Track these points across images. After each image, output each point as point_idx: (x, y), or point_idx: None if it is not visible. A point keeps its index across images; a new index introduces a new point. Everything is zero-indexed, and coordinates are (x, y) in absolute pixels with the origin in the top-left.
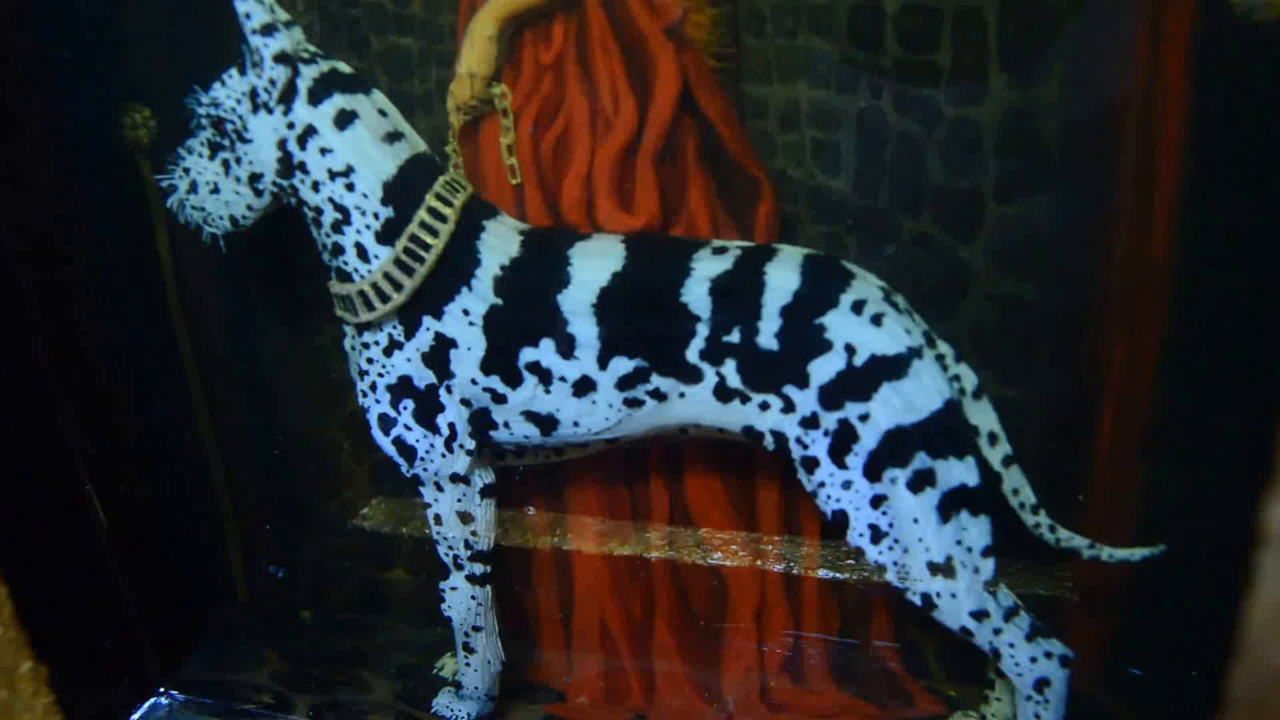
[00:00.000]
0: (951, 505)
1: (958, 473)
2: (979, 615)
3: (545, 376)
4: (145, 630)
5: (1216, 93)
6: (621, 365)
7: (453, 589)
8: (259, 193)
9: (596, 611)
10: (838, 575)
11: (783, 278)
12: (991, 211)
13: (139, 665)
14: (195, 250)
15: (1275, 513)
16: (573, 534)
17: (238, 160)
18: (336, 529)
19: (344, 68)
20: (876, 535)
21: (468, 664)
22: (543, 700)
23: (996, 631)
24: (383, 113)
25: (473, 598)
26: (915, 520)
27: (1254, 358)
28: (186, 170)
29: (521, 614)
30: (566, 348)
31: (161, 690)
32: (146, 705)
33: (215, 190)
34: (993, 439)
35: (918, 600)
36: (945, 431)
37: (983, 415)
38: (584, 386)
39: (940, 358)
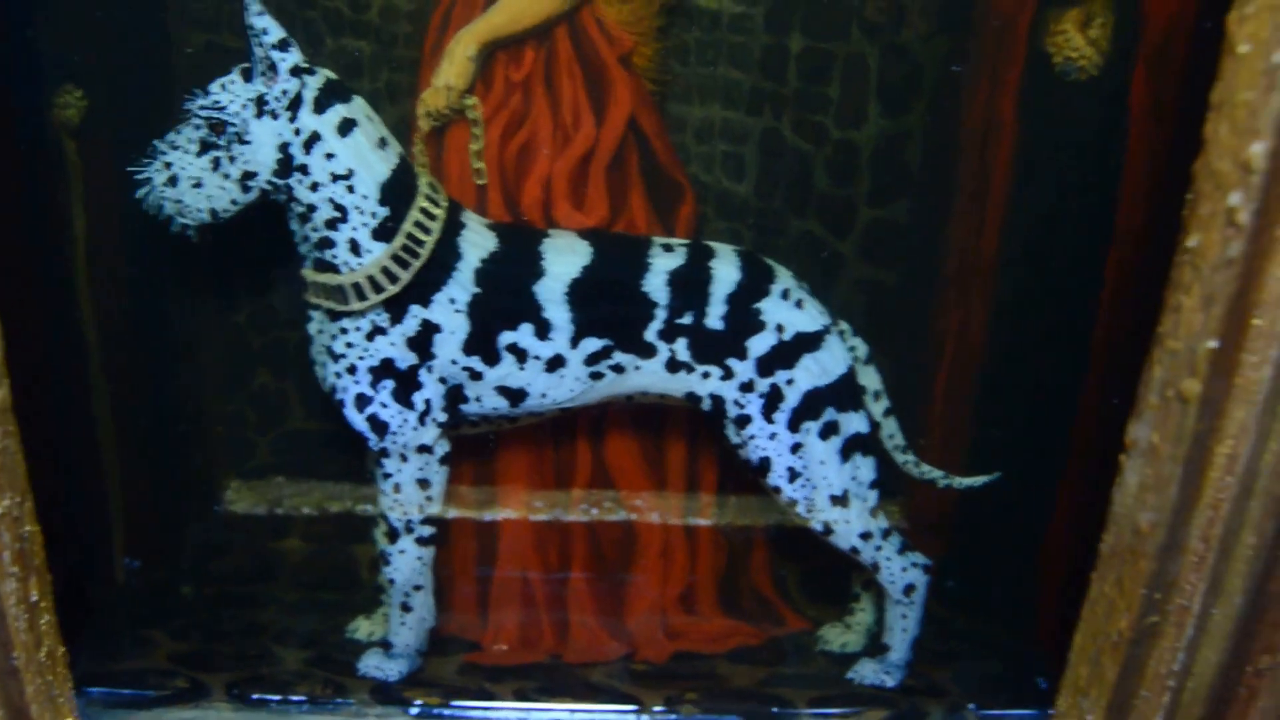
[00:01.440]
0: (850, 449)
1: (855, 423)
2: (866, 536)
3: (521, 356)
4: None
5: (1037, 128)
6: (590, 344)
7: (401, 552)
8: (247, 189)
9: (519, 565)
10: (728, 521)
11: (726, 271)
12: (863, 214)
13: None
14: (112, 228)
15: (1134, 430)
16: (502, 497)
17: (231, 159)
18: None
19: (334, 77)
20: (793, 476)
21: (403, 623)
22: (458, 651)
23: (878, 548)
24: (370, 119)
25: (419, 558)
26: (822, 462)
27: (1058, 332)
28: (168, 164)
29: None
30: (543, 330)
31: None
32: None
33: (198, 185)
34: (877, 395)
35: (819, 527)
36: (847, 390)
37: (870, 377)
38: (555, 363)
39: (842, 332)
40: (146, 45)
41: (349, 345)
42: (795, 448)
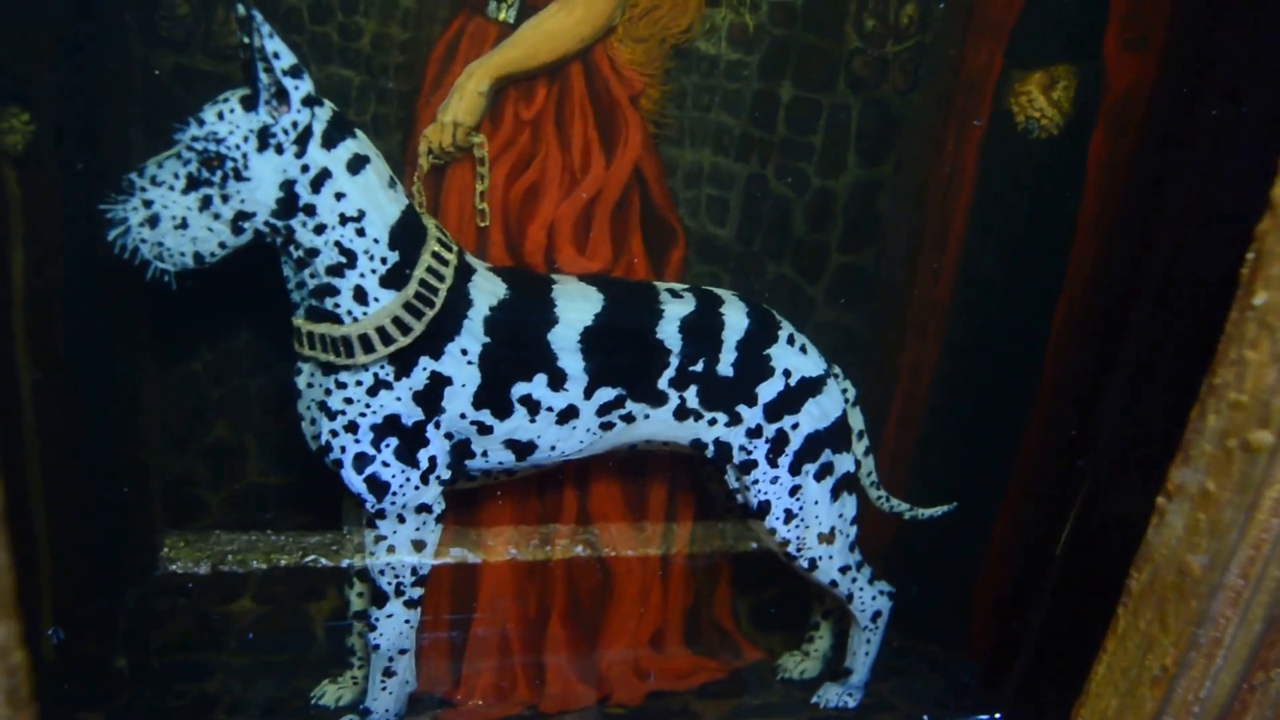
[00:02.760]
0: (840, 488)
1: (845, 463)
2: (845, 569)
3: (534, 407)
4: None
5: (996, 182)
6: (604, 394)
7: (389, 616)
8: (240, 231)
9: (498, 616)
10: (697, 559)
11: (736, 318)
12: (834, 260)
13: None
14: (54, 267)
15: (1180, 475)
16: (485, 546)
17: (224, 197)
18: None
19: (337, 109)
20: (789, 517)
21: (384, 688)
22: (429, 708)
23: (854, 580)
24: (378, 156)
25: (406, 621)
26: (816, 502)
27: (1002, 372)
28: (148, 202)
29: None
30: (557, 381)
31: None
32: None
33: (182, 225)
34: (860, 435)
35: (805, 564)
36: (841, 432)
37: (856, 418)
38: (568, 415)
39: (835, 375)
40: (104, 66)
41: (348, 401)
42: (794, 490)
